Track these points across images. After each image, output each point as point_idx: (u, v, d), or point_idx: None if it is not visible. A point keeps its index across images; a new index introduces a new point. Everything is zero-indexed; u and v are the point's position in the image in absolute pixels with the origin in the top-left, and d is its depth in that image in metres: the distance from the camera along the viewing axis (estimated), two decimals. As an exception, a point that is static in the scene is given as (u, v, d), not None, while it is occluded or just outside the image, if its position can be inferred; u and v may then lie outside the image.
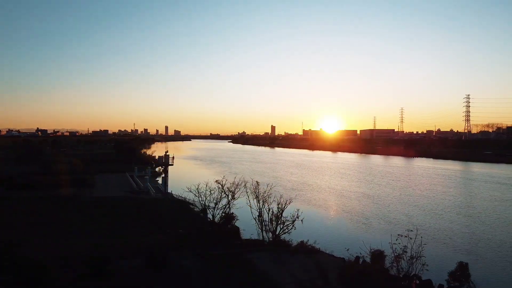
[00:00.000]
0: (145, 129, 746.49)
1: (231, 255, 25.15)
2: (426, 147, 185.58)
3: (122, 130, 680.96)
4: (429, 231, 36.57)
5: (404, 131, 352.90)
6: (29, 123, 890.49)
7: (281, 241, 30.17)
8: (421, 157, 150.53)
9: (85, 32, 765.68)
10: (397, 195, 57.73)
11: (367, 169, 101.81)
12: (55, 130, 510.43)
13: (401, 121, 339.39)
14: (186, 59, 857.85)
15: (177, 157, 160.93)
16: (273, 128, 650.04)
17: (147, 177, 59.43)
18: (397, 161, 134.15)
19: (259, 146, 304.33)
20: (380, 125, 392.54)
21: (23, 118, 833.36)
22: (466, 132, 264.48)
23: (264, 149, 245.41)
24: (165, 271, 21.90)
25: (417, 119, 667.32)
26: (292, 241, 30.01)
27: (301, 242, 29.80)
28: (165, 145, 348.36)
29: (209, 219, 35.40)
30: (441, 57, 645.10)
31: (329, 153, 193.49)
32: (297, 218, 31.42)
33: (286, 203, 32.02)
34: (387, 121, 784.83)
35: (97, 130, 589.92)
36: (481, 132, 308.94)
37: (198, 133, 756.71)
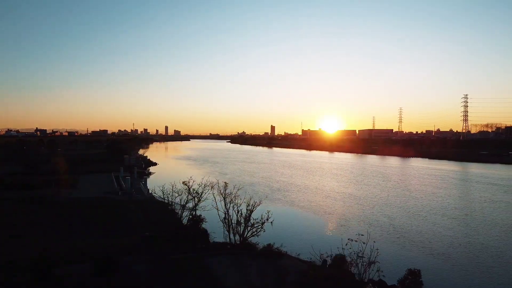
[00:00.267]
0: (145, 129, 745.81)
1: (190, 259, 23.95)
2: (423, 147, 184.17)
3: (122, 130, 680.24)
4: (410, 233, 35.33)
5: (404, 131, 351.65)
6: (29, 123, 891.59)
7: (248, 244, 28.98)
8: (417, 157, 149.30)
9: (86, 32, 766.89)
10: (384, 196, 56.46)
11: (360, 170, 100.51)
12: (54, 130, 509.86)
13: (400, 121, 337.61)
14: (186, 60, 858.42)
15: (172, 157, 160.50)
16: (273, 128, 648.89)
17: (128, 178, 58.21)
18: (392, 161, 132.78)
19: (257, 146, 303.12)
20: (379, 125, 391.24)
21: (23, 118, 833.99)
22: (464, 132, 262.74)
23: (261, 149, 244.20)
24: (114, 276, 20.74)
25: (417, 119, 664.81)
26: (259, 244, 28.85)
27: (268, 245, 28.56)
28: (163, 145, 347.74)
29: (183, 221, 34.28)
30: (441, 57, 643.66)
31: (326, 153, 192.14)
32: (267, 220, 30.19)
33: (255, 204, 30.77)
34: (387, 121, 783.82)
35: (97, 130, 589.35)
36: (480, 132, 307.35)
37: (198, 133, 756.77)
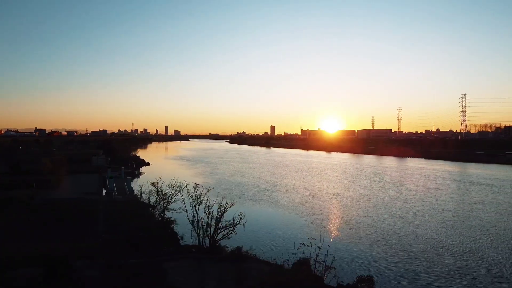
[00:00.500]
0: (145, 129, 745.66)
1: (148, 264, 22.59)
2: (421, 147, 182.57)
3: (122, 130, 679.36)
4: (390, 236, 33.94)
5: (403, 131, 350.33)
6: (29, 124, 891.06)
7: (217, 248, 27.69)
8: (413, 157, 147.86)
9: (86, 32, 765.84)
10: (372, 197, 55.04)
11: (353, 170, 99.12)
12: (53, 130, 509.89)
13: (399, 121, 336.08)
14: (186, 60, 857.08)
15: (167, 157, 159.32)
16: (273, 128, 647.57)
17: (111, 178, 56.95)
18: (388, 162, 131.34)
19: (255, 146, 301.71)
20: (379, 125, 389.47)
21: (23, 118, 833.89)
22: (462, 132, 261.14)
23: (259, 149, 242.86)
24: (61, 282, 19.47)
25: (416, 119, 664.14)
26: (229, 247, 27.57)
27: (236, 248, 27.30)
28: (161, 145, 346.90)
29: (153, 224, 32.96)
30: (440, 57, 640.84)
31: (323, 153, 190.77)
32: (239, 222, 28.98)
33: (226, 206, 29.47)
34: (386, 121, 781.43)
35: (96, 130, 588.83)
36: (479, 132, 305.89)
37: (198, 133, 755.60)
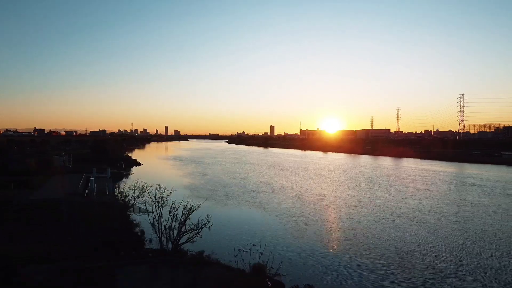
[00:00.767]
0: (145, 129, 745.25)
1: (100, 269, 21.38)
2: (419, 147, 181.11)
3: (121, 130, 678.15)
4: (368, 240, 32.65)
5: (403, 131, 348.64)
6: (30, 124, 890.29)
7: (179, 252, 26.51)
8: (409, 157, 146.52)
9: (86, 32, 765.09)
10: (359, 198, 53.76)
11: (346, 170, 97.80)
12: (52, 130, 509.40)
13: (397, 121, 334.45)
14: (187, 60, 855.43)
15: (161, 158, 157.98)
16: (272, 128, 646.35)
17: (92, 179, 55.77)
18: (383, 162, 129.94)
19: (253, 146, 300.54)
20: (379, 125, 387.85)
21: (23, 118, 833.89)
22: (460, 132, 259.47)
23: (256, 149, 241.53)
24: (10, 286, 18.41)
25: (416, 120, 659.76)
26: (191, 251, 26.44)
27: (198, 252, 26.16)
28: (159, 145, 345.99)
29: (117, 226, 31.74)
30: (440, 57, 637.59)
31: (320, 154, 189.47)
32: (205, 225, 27.78)
33: (192, 208, 28.24)
34: (386, 121, 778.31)
35: (96, 130, 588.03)
36: (479, 132, 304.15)
37: (198, 133, 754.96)
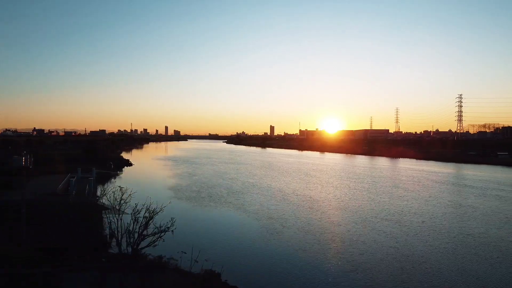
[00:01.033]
0: (145, 129, 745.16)
1: (43, 275, 20.03)
2: (416, 148, 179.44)
3: (121, 130, 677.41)
4: (343, 243, 31.22)
5: (403, 131, 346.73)
6: (31, 124, 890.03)
7: (139, 256, 25.12)
8: (405, 157, 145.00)
9: (86, 32, 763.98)
10: (345, 199, 52.31)
11: (338, 171, 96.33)
12: (50, 130, 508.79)
13: (396, 121, 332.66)
14: (187, 60, 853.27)
15: (154, 158, 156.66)
16: (272, 128, 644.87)
17: (72, 179, 54.46)
18: (378, 162, 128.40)
19: (251, 146, 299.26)
20: (378, 126, 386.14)
21: (23, 118, 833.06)
22: (459, 132, 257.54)
23: (253, 150, 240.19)
24: None
25: (416, 120, 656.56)
26: (151, 256, 25.11)
27: (157, 257, 24.84)
28: (157, 145, 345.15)
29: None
30: (439, 58, 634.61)
31: (316, 154, 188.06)
32: (168, 229, 26.43)
33: (155, 211, 26.84)
34: (386, 122, 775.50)
35: (96, 130, 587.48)
36: (479, 132, 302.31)
37: (198, 134, 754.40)
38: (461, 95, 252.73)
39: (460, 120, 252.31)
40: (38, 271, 20.31)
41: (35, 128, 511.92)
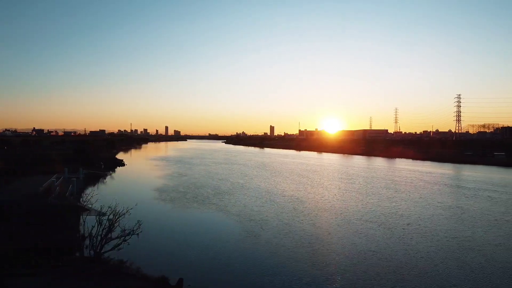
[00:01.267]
0: (145, 129, 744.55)
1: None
2: (414, 148, 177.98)
3: (122, 130, 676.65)
4: (320, 248, 30.00)
5: (403, 132, 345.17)
6: (31, 124, 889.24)
7: (101, 260, 24.06)
8: (401, 158, 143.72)
9: (87, 32, 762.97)
10: (333, 200, 51.04)
11: (331, 171, 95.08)
12: (49, 130, 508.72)
13: (396, 122, 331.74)
14: (187, 61, 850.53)
15: (148, 158, 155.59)
16: (272, 128, 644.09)
17: (53, 180, 53.33)
18: (373, 162, 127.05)
19: (249, 146, 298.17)
20: (378, 126, 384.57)
21: (24, 118, 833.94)
22: (457, 132, 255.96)
23: (251, 150, 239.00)
24: None
25: (416, 120, 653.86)
26: (114, 260, 24.04)
27: (118, 261, 23.79)
28: (156, 145, 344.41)
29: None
30: (439, 58, 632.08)
31: (314, 154, 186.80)
32: (133, 232, 25.37)
33: (120, 213, 25.78)
34: (386, 122, 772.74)
35: (96, 130, 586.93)
36: (478, 132, 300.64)
37: (198, 134, 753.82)
38: (459, 95, 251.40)
39: (458, 120, 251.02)
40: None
41: (34, 128, 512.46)
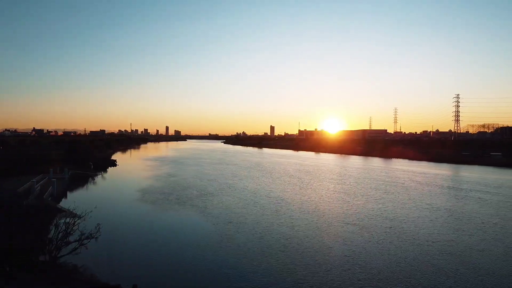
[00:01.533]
0: (145, 129, 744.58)
1: None
2: (415, 147, 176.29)
3: (122, 130, 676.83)
4: (297, 253, 28.71)
5: (404, 132, 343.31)
6: (31, 124, 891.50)
7: (55, 265, 22.90)
8: (398, 158, 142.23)
9: (87, 32, 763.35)
10: (318, 202, 49.72)
11: (324, 171, 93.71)
12: (49, 130, 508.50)
13: (395, 122, 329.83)
14: (188, 61, 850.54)
15: (143, 158, 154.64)
16: (272, 128, 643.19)
17: (34, 180, 52.20)
18: (369, 162, 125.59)
19: (247, 146, 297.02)
20: (378, 126, 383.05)
21: (24, 118, 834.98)
22: (456, 132, 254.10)
23: (249, 150, 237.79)
24: None
25: (416, 120, 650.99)
26: (68, 265, 22.89)
27: (73, 266, 22.65)
28: (155, 145, 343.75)
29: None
30: (440, 57, 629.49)
31: (310, 154, 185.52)
32: (91, 236, 24.23)
33: (79, 216, 24.69)
34: (386, 122, 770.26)
35: (97, 130, 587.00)
36: (478, 132, 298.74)
37: (198, 134, 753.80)
38: (458, 95, 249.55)
39: (457, 120, 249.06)
40: None
41: (34, 128, 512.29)
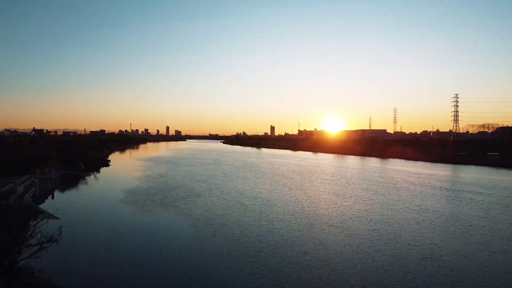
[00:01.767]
0: (146, 129, 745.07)
1: None
2: (416, 147, 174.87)
3: (122, 130, 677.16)
4: (271, 256, 27.60)
5: (405, 132, 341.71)
6: (31, 124, 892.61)
7: (17, 270, 21.89)
8: (395, 158, 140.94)
9: (87, 32, 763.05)
10: (306, 203, 48.59)
11: (318, 172, 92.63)
12: (49, 130, 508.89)
13: (395, 122, 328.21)
14: (188, 61, 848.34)
15: (138, 158, 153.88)
16: (272, 128, 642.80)
17: (16, 181, 51.15)
18: (365, 163, 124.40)
19: (246, 146, 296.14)
20: (378, 126, 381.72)
21: (24, 118, 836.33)
22: (455, 132, 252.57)
23: (247, 150, 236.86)
24: None
25: (416, 120, 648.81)
26: (27, 270, 21.80)
27: (29, 272, 21.56)
28: (153, 145, 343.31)
29: None
30: (440, 57, 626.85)
31: (308, 154, 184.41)
32: (52, 239, 23.15)
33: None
34: (386, 122, 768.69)
35: (97, 130, 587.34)
36: (478, 132, 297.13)
37: (198, 134, 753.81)
38: (457, 94, 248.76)
39: (456, 120, 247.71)
40: None
41: (34, 128, 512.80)
